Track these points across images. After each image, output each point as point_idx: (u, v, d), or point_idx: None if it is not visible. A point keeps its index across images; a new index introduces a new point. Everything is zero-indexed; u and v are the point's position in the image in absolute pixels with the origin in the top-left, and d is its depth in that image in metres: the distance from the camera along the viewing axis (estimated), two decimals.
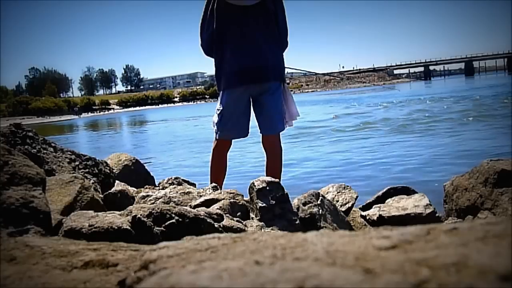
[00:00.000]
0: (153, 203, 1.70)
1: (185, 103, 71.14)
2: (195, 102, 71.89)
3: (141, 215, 1.17)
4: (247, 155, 6.14)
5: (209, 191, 1.90)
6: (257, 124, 2.59)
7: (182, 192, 1.81)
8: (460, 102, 14.67)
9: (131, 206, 1.30)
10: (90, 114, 58.69)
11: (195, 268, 0.40)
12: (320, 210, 1.74)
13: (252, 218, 1.64)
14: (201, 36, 2.56)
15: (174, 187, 1.88)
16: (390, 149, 5.97)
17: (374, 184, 3.68)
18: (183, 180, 2.57)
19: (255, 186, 1.69)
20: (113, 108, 66.29)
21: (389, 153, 5.62)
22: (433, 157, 5.02)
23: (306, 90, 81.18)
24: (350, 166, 4.96)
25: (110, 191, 1.83)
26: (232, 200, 1.65)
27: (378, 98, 23.26)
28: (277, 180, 1.77)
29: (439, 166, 4.44)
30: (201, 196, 1.77)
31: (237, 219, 1.48)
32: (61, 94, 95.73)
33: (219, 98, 2.58)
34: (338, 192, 2.29)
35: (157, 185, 2.74)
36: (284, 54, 2.66)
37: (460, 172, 2.39)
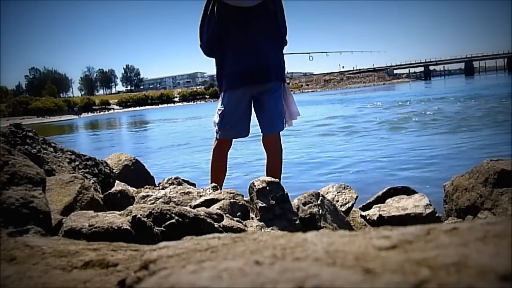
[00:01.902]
0: (153, 203, 1.70)
1: (185, 103, 71.20)
2: (195, 102, 71.94)
3: (141, 215, 1.17)
4: (247, 155, 6.14)
5: (209, 191, 1.90)
6: (257, 123, 2.60)
7: (182, 192, 1.81)
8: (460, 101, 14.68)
9: (131, 206, 1.30)
10: (90, 114, 58.70)
11: (195, 268, 0.40)
12: (320, 210, 1.74)
13: (252, 218, 1.65)
14: (200, 37, 2.56)
15: (174, 187, 1.88)
16: (391, 148, 5.97)
17: (374, 184, 3.68)
18: (183, 180, 2.57)
19: (255, 186, 1.69)
20: (113, 108, 66.31)
21: (389, 152, 5.62)
22: (433, 157, 5.02)
23: (306, 90, 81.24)
24: (350, 165, 4.96)
25: (110, 191, 1.83)
26: (232, 200, 1.65)
27: (388, 97, 23.19)
28: (277, 180, 1.77)
29: (440, 165, 4.44)
30: (201, 196, 1.77)
31: (237, 219, 1.48)
32: (61, 94, 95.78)
33: (220, 99, 2.58)
34: (338, 192, 2.29)
35: (157, 185, 2.74)
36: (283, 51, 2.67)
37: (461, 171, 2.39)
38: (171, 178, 2.52)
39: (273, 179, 1.75)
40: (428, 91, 29.03)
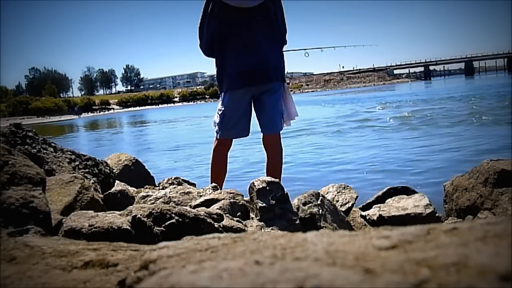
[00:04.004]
0: (153, 203, 1.70)
1: (185, 103, 71.21)
2: (195, 102, 71.95)
3: (141, 215, 1.17)
4: (248, 155, 6.13)
5: (209, 191, 1.90)
6: (257, 123, 2.60)
7: (182, 192, 1.81)
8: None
9: (131, 206, 1.30)
10: (90, 114, 58.65)
11: (195, 268, 0.40)
12: (320, 210, 1.74)
13: (252, 218, 1.65)
14: (200, 37, 2.56)
15: (174, 187, 1.88)
16: (391, 148, 5.97)
17: (374, 184, 3.68)
18: (183, 180, 2.57)
19: (255, 186, 1.69)
20: (113, 108, 66.29)
21: (389, 152, 5.62)
22: (434, 156, 5.02)
23: (306, 90, 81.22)
24: (350, 165, 4.96)
25: (110, 191, 1.83)
26: (232, 200, 1.65)
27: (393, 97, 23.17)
28: (277, 180, 1.77)
29: (440, 165, 4.44)
30: (201, 196, 1.77)
31: (237, 219, 1.48)
32: (61, 94, 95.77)
33: (220, 99, 2.58)
34: (338, 192, 2.29)
35: (157, 185, 2.74)
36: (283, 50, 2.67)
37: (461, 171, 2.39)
38: (171, 178, 2.52)
39: (273, 179, 1.75)
40: (430, 91, 28.99)
